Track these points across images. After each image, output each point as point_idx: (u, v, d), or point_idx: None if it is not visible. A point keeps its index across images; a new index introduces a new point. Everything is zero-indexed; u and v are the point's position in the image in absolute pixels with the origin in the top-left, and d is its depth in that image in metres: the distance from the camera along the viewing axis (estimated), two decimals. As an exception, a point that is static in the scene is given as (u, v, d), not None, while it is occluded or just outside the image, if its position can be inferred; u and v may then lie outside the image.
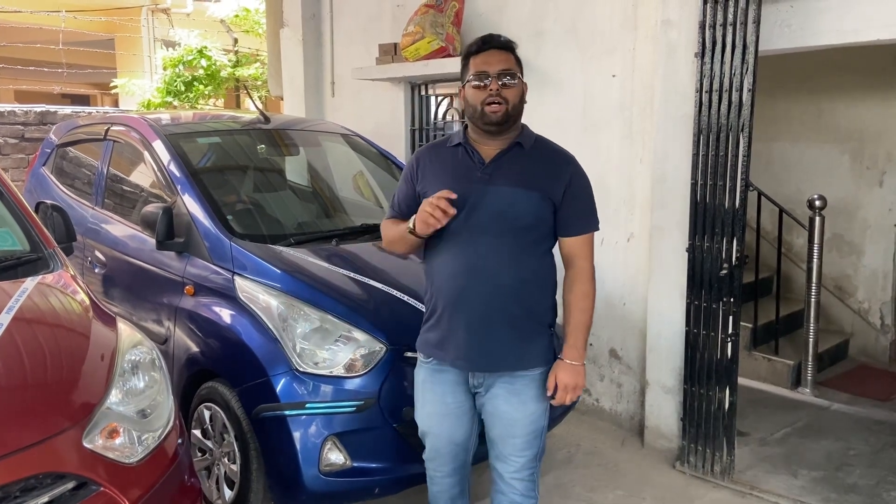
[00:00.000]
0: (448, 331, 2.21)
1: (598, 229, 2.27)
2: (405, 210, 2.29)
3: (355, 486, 2.70)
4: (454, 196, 2.07)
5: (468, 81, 2.19)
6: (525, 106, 2.26)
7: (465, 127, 2.28)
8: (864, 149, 4.98)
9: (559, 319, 2.30)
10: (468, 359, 2.21)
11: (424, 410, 2.35)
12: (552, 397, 2.22)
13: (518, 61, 2.22)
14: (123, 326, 2.36)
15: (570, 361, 2.20)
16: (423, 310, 2.34)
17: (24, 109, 7.08)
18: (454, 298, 2.18)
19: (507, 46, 2.21)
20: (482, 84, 2.15)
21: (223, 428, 2.91)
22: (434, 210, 2.05)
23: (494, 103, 2.14)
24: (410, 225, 2.16)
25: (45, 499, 1.79)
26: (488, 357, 2.20)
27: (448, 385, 2.28)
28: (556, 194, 2.18)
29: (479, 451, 2.47)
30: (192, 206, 3.23)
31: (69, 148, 4.47)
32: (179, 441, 2.19)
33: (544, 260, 2.24)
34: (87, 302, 2.42)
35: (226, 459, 2.93)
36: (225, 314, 2.96)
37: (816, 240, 4.33)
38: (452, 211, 2.06)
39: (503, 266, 2.15)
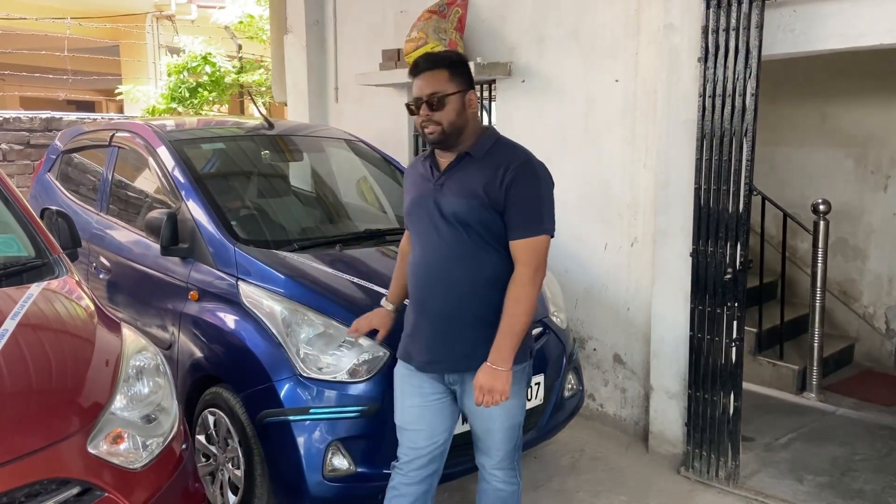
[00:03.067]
0: (415, 335, 2.36)
1: (545, 234, 2.23)
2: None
3: (359, 491, 2.70)
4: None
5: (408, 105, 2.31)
6: (523, 112, 2.33)
7: None
8: (868, 153, 4.97)
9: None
10: (434, 362, 2.32)
11: (404, 403, 2.41)
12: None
13: (455, 73, 2.23)
14: (128, 332, 2.37)
15: (491, 364, 2.19)
16: None
17: (30, 116, 7.11)
18: (417, 305, 2.35)
19: (436, 65, 2.23)
20: (414, 109, 2.26)
21: (227, 433, 2.91)
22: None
23: (428, 127, 2.24)
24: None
25: (50, 504, 1.80)
26: (451, 358, 2.30)
27: (424, 377, 2.37)
28: (496, 200, 2.20)
29: (467, 461, 2.55)
30: (196, 211, 3.24)
31: (74, 154, 4.49)
32: (184, 446, 2.20)
33: (499, 265, 2.24)
34: (92, 308, 2.43)
35: (230, 465, 2.93)
36: (229, 319, 2.97)
37: (821, 244, 4.32)
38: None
39: (460, 271, 2.25)
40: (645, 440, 3.77)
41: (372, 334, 2.64)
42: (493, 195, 2.20)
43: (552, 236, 2.26)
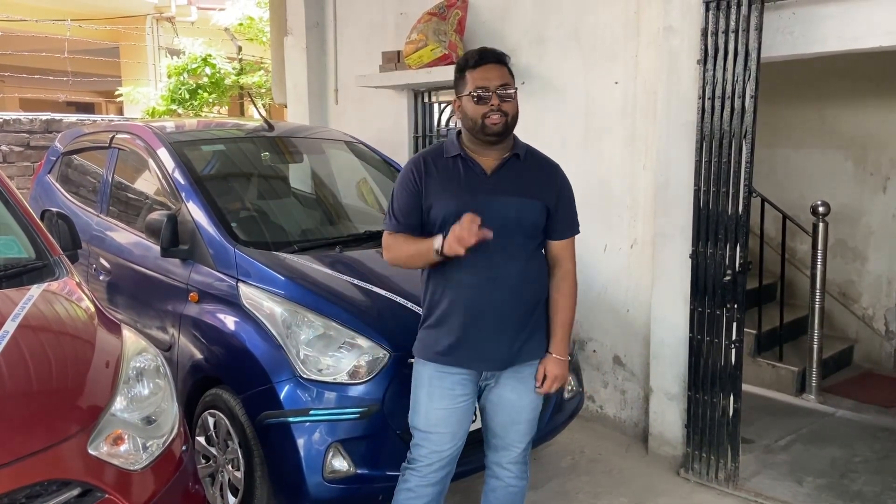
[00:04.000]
0: (465, 336, 2.29)
1: (580, 232, 2.45)
2: (413, 223, 2.33)
3: (359, 493, 2.70)
4: (488, 232, 2.13)
5: (467, 95, 2.25)
6: (523, 114, 2.36)
7: (458, 136, 2.35)
8: (867, 155, 4.98)
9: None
10: (486, 360, 2.32)
11: (431, 406, 2.35)
12: (539, 387, 2.38)
13: (512, 74, 2.31)
14: (128, 333, 2.37)
15: (558, 356, 2.38)
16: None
17: (30, 117, 7.11)
18: (473, 306, 2.28)
19: (503, 60, 2.30)
20: (483, 98, 2.22)
21: (227, 435, 2.91)
22: (471, 236, 2.08)
23: (495, 115, 2.22)
24: (437, 246, 2.18)
25: (51, 505, 1.80)
26: (507, 356, 2.33)
27: (457, 379, 2.34)
28: (551, 201, 2.34)
29: (476, 461, 2.54)
30: (196, 213, 3.24)
31: (74, 156, 4.49)
32: (184, 448, 2.20)
33: (542, 261, 2.40)
34: (93, 309, 2.43)
35: (230, 466, 2.93)
36: (229, 321, 2.97)
37: (820, 246, 4.32)
38: (489, 235, 2.11)
39: (516, 273, 2.29)
40: (645, 442, 3.77)
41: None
42: (549, 197, 2.33)
43: None
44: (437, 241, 2.18)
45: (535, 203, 2.30)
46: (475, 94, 2.22)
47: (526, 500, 3.19)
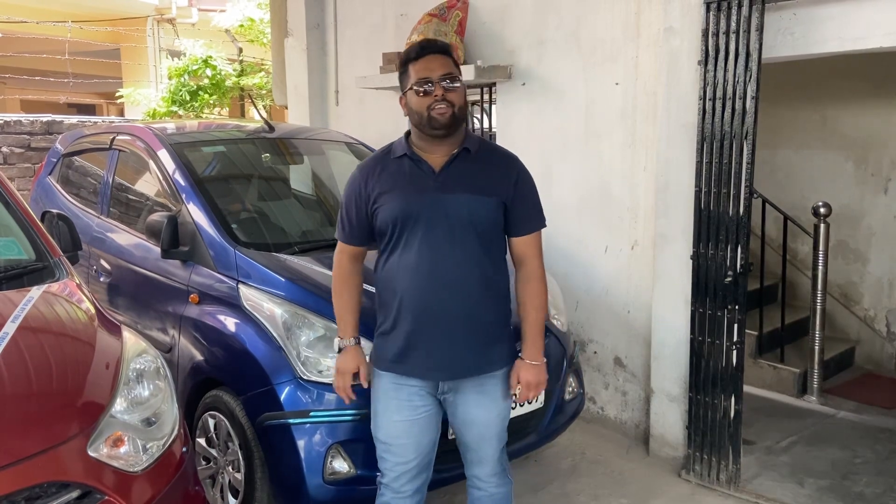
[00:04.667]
0: (414, 343, 2.19)
1: (545, 226, 2.30)
2: (358, 231, 2.28)
3: (360, 494, 2.69)
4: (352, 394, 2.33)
5: (410, 88, 2.16)
6: (524, 116, 2.28)
7: (407, 136, 2.26)
8: (868, 156, 4.97)
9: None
10: (441, 369, 2.21)
11: (390, 419, 2.27)
12: (509, 394, 2.28)
13: (457, 65, 2.21)
14: (128, 335, 2.37)
15: (531, 361, 2.25)
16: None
17: (31, 119, 7.12)
18: (422, 310, 2.17)
19: (446, 51, 2.20)
20: (426, 90, 2.13)
21: (227, 436, 2.91)
22: (342, 392, 2.31)
23: (441, 106, 2.12)
24: (335, 347, 2.38)
25: (50, 507, 1.80)
26: (460, 364, 2.21)
27: (414, 390, 2.25)
28: (507, 196, 2.20)
29: (459, 467, 2.47)
30: (196, 214, 3.24)
31: (75, 157, 4.49)
32: (184, 449, 2.20)
33: (502, 263, 2.27)
34: (93, 311, 2.43)
35: (230, 468, 2.93)
36: (229, 322, 2.97)
37: (821, 247, 4.32)
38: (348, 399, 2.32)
39: (468, 274, 2.16)
40: (646, 443, 3.77)
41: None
42: (504, 191, 2.20)
43: None
44: (338, 342, 2.35)
45: (488, 199, 2.17)
46: (418, 86, 2.13)
47: (526, 501, 3.20)
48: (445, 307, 2.16)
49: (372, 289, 2.97)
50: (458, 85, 2.16)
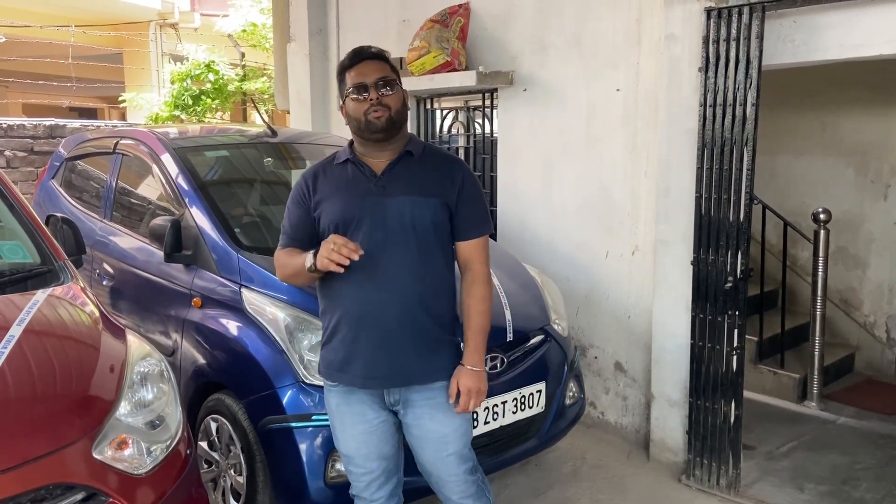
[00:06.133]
0: (353, 350, 2.16)
1: (491, 231, 2.28)
2: (301, 236, 2.23)
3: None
4: (359, 251, 2.00)
5: (347, 95, 2.16)
6: (525, 120, 2.27)
7: (351, 143, 2.26)
8: (868, 162, 4.99)
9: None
10: (382, 377, 2.16)
11: (346, 433, 2.24)
12: (455, 404, 2.18)
13: (394, 69, 2.20)
14: (132, 338, 2.38)
15: (472, 367, 2.17)
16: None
17: (34, 123, 7.15)
18: (359, 316, 2.13)
19: (381, 56, 2.19)
20: (362, 96, 2.13)
21: (229, 440, 2.92)
22: (339, 258, 1.98)
23: (376, 111, 2.12)
24: (309, 263, 2.07)
25: (55, 510, 1.81)
26: (400, 372, 2.16)
27: (365, 403, 2.21)
28: (450, 199, 2.18)
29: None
30: (199, 218, 3.26)
31: (78, 161, 4.51)
32: (187, 452, 2.21)
33: (446, 267, 2.22)
34: (97, 314, 2.44)
35: (232, 471, 2.94)
36: (232, 326, 2.98)
37: (821, 253, 4.33)
38: (356, 256, 1.99)
39: (409, 277, 2.13)
40: (646, 448, 3.77)
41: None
42: (447, 195, 2.17)
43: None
44: (309, 258, 2.07)
45: (430, 201, 2.14)
46: (354, 92, 2.12)
47: (527, 506, 3.19)
48: (383, 312, 2.12)
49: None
50: (392, 91, 2.14)
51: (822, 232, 4.33)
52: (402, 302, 2.12)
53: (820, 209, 4.34)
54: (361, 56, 2.17)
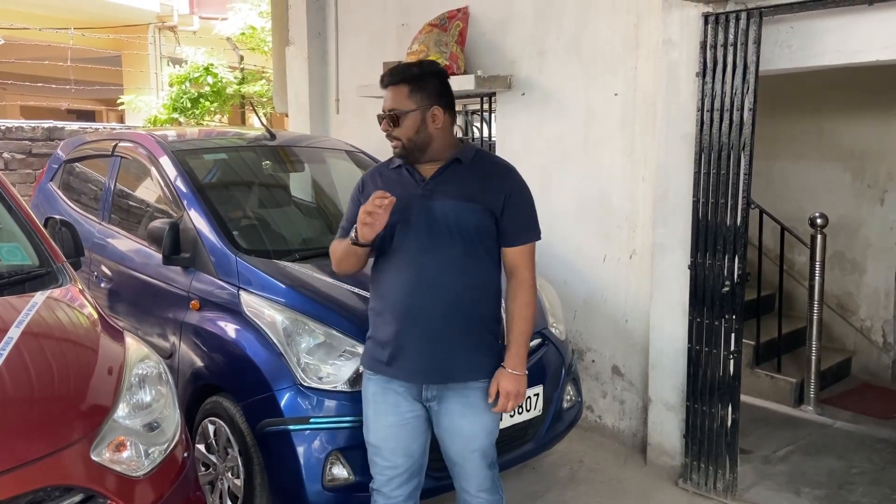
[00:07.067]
0: (399, 346, 2.24)
1: (539, 239, 2.33)
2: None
3: (359, 501, 2.69)
4: (388, 195, 2.09)
5: None
6: (524, 124, 2.31)
7: None
8: (865, 167, 5.01)
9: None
10: (423, 372, 2.25)
11: (378, 423, 2.32)
12: (493, 405, 2.26)
13: (416, 89, 2.20)
14: (131, 340, 2.38)
15: (513, 371, 2.24)
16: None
17: (32, 125, 7.14)
18: (405, 313, 2.23)
19: (399, 81, 2.22)
20: (381, 124, 2.25)
21: (227, 442, 2.92)
22: (372, 208, 2.07)
23: (392, 141, 2.24)
24: (352, 235, 2.19)
25: (53, 511, 1.81)
26: (443, 369, 2.24)
27: (401, 395, 2.29)
28: (495, 206, 2.23)
29: (447, 480, 2.46)
30: (198, 221, 3.26)
31: (76, 163, 4.51)
32: (185, 455, 2.21)
33: (491, 270, 2.29)
34: (96, 316, 2.45)
35: (229, 474, 2.94)
36: (230, 329, 2.98)
37: (818, 257, 4.34)
38: (388, 202, 2.07)
39: (451, 277, 2.21)
40: (643, 452, 3.78)
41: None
42: (492, 201, 2.23)
43: None
44: (353, 231, 2.19)
45: (473, 206, 2.21)
46: (379, 118, 2.26)
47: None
48: (427, 308, 2.20)
49: (367, 293, 3.00)
50: (397, 125, 2.20)
51: (818, 236, 4.34)
52: (445, 301, 2.20)
53: (817, 214, 4.35)
54: (383, 81, 2.26)
